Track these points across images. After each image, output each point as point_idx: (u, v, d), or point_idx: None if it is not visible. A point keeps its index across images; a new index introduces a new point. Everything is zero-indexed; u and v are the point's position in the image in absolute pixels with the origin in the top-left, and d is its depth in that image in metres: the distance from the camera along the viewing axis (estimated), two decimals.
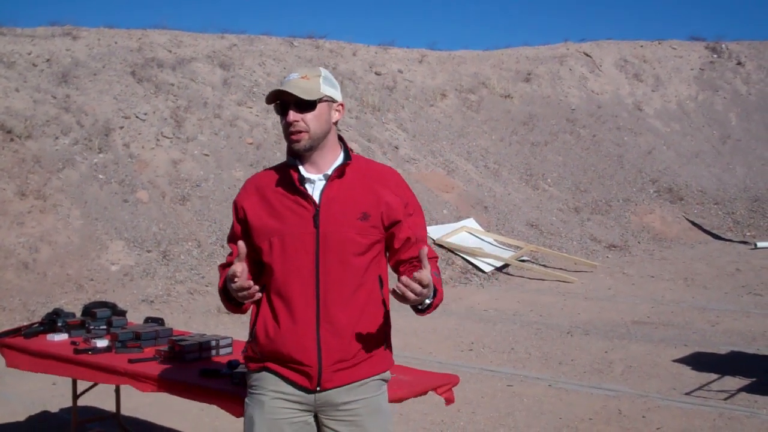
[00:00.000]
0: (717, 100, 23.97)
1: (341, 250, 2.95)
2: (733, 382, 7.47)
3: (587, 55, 24.20)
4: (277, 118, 15.29)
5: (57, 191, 11.90)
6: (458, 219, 15.30)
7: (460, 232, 14.66)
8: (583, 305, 11.55)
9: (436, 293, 2.95)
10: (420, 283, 2.77)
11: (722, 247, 16.95)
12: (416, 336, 9.75)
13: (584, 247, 15.97)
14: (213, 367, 4.25)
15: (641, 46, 25.31)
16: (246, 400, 3.10)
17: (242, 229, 3.08)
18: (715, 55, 25.48)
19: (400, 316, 10.99)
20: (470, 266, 13.77)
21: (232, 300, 3.01)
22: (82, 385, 5.53)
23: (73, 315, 5.43)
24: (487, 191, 17.08)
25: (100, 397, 6.11)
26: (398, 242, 3.04)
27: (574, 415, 6.65)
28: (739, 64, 25.25)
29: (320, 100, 2.97)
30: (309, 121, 2.95)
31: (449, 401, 4.20)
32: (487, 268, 13.78)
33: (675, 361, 8.37)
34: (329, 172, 3.01)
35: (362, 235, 2.97)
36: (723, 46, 25.90)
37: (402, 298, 2.78)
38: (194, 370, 4.28)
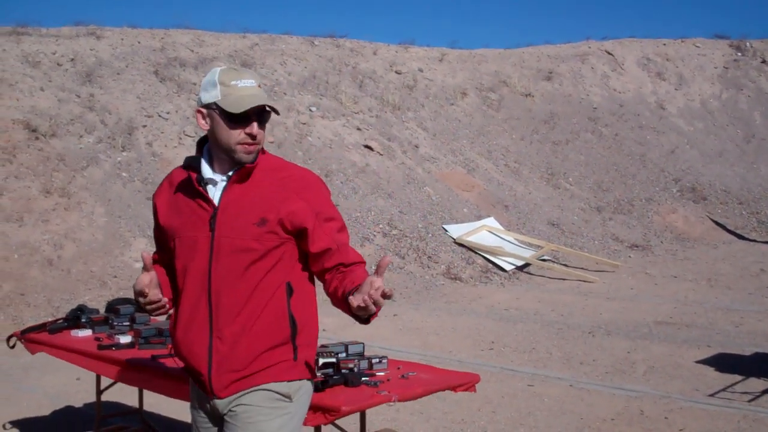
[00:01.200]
0: (741, 98, 23.80)
1: (235, 256, 2.80)
2: (758, 384, 7.41)
3: (609, 53, 24.09)
4: (298, 117, 15.24)
5: (81, 189, 12.00)
6: (478, 218, 15.28)
7: (481, 231, 14.64)
8: (605, 305, 11.50)
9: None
10: (384, 295, 2.62)
11: (746, 247, 16.82)
12: (436, 335, 9.76)
13: (606, 246, 15.90)
14: None
15: (664, 45, 25.16)
16: None
17: (157, 226, 3.03)
18: (739, 54, 25.30)
19: (419, 314, 11.02)
20: (491, 265, 13.75)
21: None
22: (105, 381, 5.57)
23: (97, 311, 5.49)
24: (507, 190, 17.05)
25: (124, 392, 6.15)
26: (315, 249, 2.85)
27: (596, 415, 6.63)
28: (763, 62, 25.06)
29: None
30: (261, 135, 2.86)
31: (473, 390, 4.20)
32: (508, 267, 13.75)
33: (698, 362, 8.32)
34: (230, 173, 2.87)
35: (258, 240, 2.80)
36: (747, 44, 25.72)
37: (364, 309, 2.65)
38: None
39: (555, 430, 6.28)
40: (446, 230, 14.42)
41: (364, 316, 2.70)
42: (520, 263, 13.97)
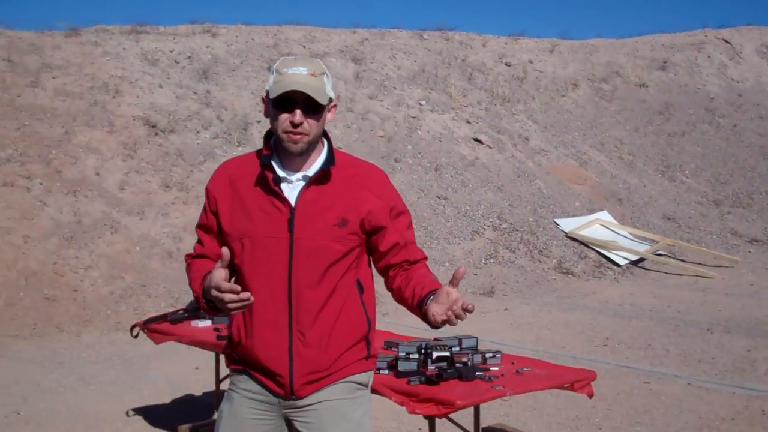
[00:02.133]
0: None
1: (316, 257, 2.77)
2: None
3: (727, 41, 23.29)
4: (408, 111, 15.33)
5: (199, 183, 12.34)
6: (591, 212, 15.03)
7: (593, 225, 14.40)
8: (723, 301, 11.15)
9: None
10: (466, 309, 2.63)
11: None
12: (549, 330, 9.66)
13: (724, 241, 15.40)
14: None
15: None
16: (225, 392, 3.02)
17: (215, 222, 2.91)
18: None
19: (530, 308, 10.92)
20: (604, 260, 13.51)
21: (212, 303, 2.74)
22: (224, 370, 5.74)
23: None
24: (621, 183, 16.70)
25: None
26: (385, 246, 2.88)
27: (715, 414, 6.45)
28: None
29: (326, 105, 2.82)
30: (312, 127, 2.76)
31: (590, 395, 4.15)
32: (622, 262, 13.48)
33: None
34: (309, 174, 2.82)
35: (339, 242, 2.80)
36: None
37: (446, 323, 2.68)
38: None
39: (673, 429, 6.14)
40: (558, 224, 14.24)
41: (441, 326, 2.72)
42: (634, 258, 13.67)
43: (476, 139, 16.09)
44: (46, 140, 11.97)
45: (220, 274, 2.62)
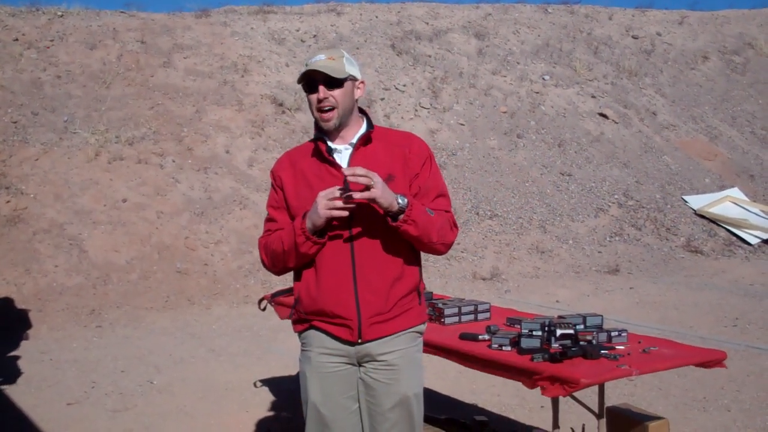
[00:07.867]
0: None
1: (372, 212, 3.09)
2: None
3: None
4: (531, 86, 15.15)
5: None
6: (721, 188, 14.55)
7: (724, 202, 13.95)
8: None
9: (409, 205, 3.03)
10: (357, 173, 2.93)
11: None
12: (676, 309, 9.45)
13: None
14: (472, 332, 4.35)
15: None
16: (299, 357, 3.35)
17: (282, 197, 3.27)
18: None
19: (657, 287, 10.68)
20: (734, 238, 13.08)
21: (305, 244, 3.09)
22: None
23: None
24: (753, 159, 16.08)
25: None
26: (413, 190, 3.21)
27: None
28: None
29: (346, 79, 3.18)
30: (338, 98, 3.15)
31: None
32: (753, 240, 13.03)
33: None
34: (354, 141, 3.22)
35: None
36: None
37: (358, 187, 2.94)
38: (453, 333, 4.41)
39: None
40: (686, 201, 13.85)
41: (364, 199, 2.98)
42: (766, 236, 13.18)
43: (602, 114, 15.79)
44: (178, 119, 12.39)
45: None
